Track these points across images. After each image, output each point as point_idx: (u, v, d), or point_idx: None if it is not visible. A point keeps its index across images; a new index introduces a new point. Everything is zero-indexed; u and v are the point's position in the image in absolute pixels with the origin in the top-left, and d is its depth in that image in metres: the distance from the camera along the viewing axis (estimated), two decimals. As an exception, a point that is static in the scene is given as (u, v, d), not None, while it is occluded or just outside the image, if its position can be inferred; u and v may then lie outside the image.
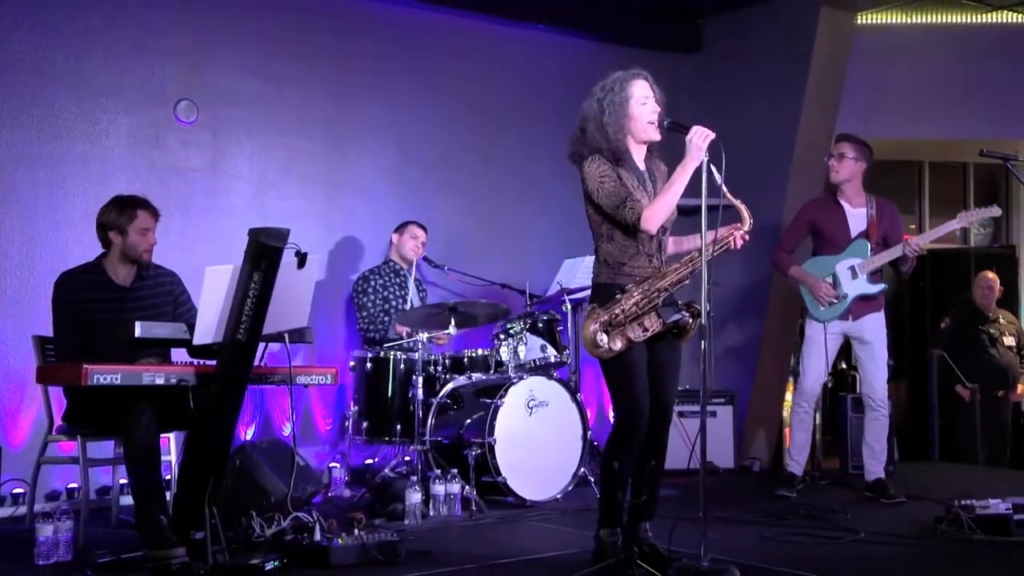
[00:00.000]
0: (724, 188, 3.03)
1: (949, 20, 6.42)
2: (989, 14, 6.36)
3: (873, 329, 4.78)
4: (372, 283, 5.20)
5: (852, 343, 4.86)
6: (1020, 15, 6.34)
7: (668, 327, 3.15)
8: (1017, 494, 3.93)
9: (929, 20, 6.42)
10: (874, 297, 4.75)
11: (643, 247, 3.20)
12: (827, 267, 4.80)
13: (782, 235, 5.06)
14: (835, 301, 4.73)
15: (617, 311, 3.11)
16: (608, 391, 3.26)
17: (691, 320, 3.18)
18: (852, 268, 4.73)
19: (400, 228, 5.33)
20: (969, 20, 6.41)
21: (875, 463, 4.82)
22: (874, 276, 4.73)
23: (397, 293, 5.24)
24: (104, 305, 3.72)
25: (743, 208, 3.16)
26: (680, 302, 3.20)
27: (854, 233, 4.77)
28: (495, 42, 6.05)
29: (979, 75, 6.38)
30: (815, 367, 4.78)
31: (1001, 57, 6.35)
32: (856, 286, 4.73)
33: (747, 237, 3.20)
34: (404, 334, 4.96)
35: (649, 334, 3.13)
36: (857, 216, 4.79)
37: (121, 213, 3.75)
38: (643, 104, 3.19)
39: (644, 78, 3.23)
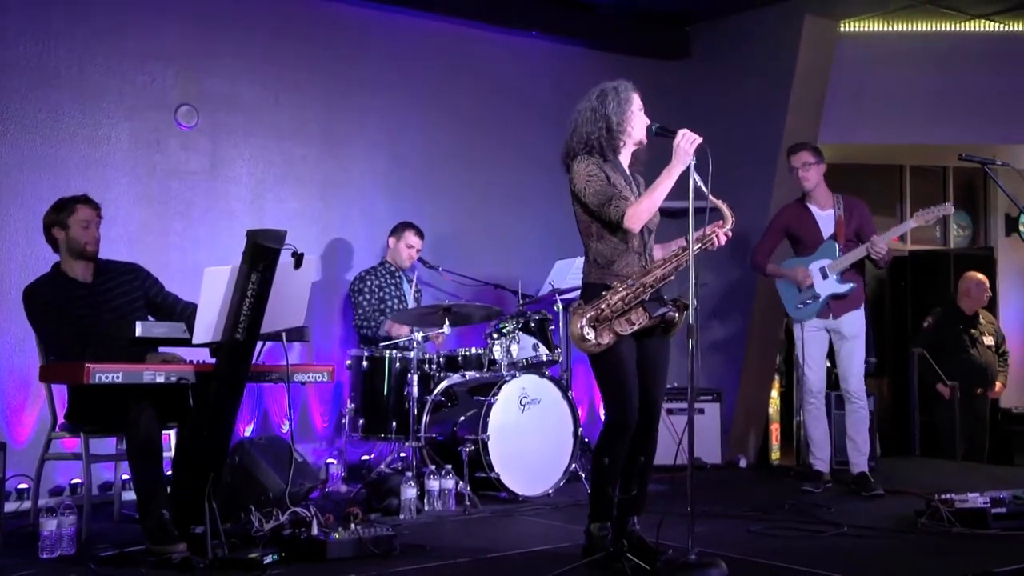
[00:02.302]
0: (705, 189, 3.10)
1: (929, 29, 6.49)
2: (968, 23, 6.46)
3: (852, 325, 4.91)
4: (368, 283, 5.27)
5: (833, 339, 4.97)
6: (998, 24, 6.45)
7: (655, 321, 3.20)
8: (995, 488, 4.02)
9: (910, 28, 6.50)
10: (846, 295, 4.88)
11: (632, 246, 3.26)
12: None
13: (759, 241, 5.20)
14: (812, 285, 4.86)
15: (603, 306, 3.17)
16: (598, 388, 3.31)
17: (677, 314, 3.23)
18: (822, 269, 4.87)
19: (397, 232, 5.37)
20: (949, 29, 6.48)
21: (858, 456, 4.90)
22: (845, 275, 4.85)
23: (393, 294, 5.31)
24: (76, 303, 3.76)
25: (725, 207, 3.23)
26: (667, 297, 3.26)
27: (825, 235, 4.92)
28: (486, 49, 6.11)
29: (958, 82, 6.44)
30: (811, 363, 4.91)
31: (980, 64, 6.43)
32: (827, 286, 4.87)
33: (729, 235, 3.26)
34: (404, 332, 5.01)
35: (636, 328, 3.18)
36: (826, 218, 4.95)
37: (61, 210, 3.80)
38: (639, 111, 3.31)
39: (639, 93, 3.34)
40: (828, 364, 5.11)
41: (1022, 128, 6.56)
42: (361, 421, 4.95)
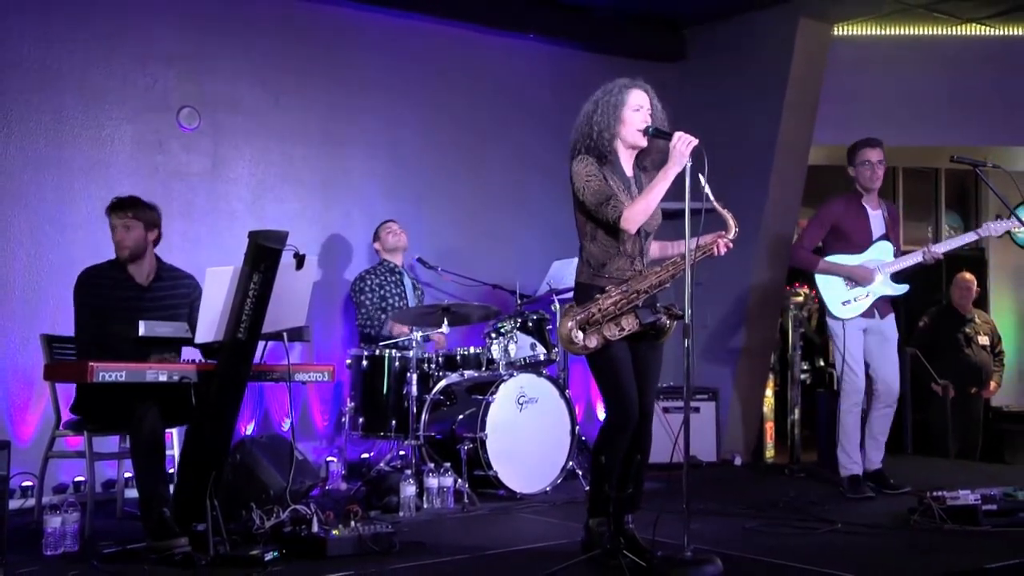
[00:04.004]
0: (712, 197, 3.09)
1: (921, 32, 6.55)
2: (960, 27, 6.52)
3: (893, 328, 4.85)
4: (369, 282, 5.31)
5: (870, 340, 4.81)
6: (990, 28, 6.51)
7: (645, 328, 3.21)
8: (986, 486, 4.06)
9: (902, 32, 6.56)
10: (899, 297, 4.79)
11: (625, 249, 3.27)
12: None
13: (803, 234, 5.00)
14: (874, 282, 4.71)
15: (594, 309, 3.17)
16: (598, 389, 3.32)
17: (669, 322, 3.24)
18: (875, 269, 4.74)
19: (376, 234, 5.45)
20: (940, 32, 6.54)
21: (877, 454, 4.83)
22: (895, 277, 4.77)
23: (393, 292, 5.35)
24: (122, 303, 3.81)
25: (729, 217, 3.21)
26: (660, 304, 3.26)
27: (875, 235, 4.79)
28: (485, 51, 6.16)
29: (951, 85, 6.49)
30: (854, 363, 4.74)
31: (972, 68, 6.48)
32: (878, 286, 4.73)
33: (731, 245, 3.26)
34: (407, 331, 5.03)
35: (625, 333, 3.19)
36: (876, 218, 4.82)
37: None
38: (635, 111, 3.26)
39: (644, 89, 3.31)
40: (823, 363, 5.08)
41: (1013, 130, 6.63)
42: (361, 420, 4.98)
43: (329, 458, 5.10)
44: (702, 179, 3.10)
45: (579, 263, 3.35)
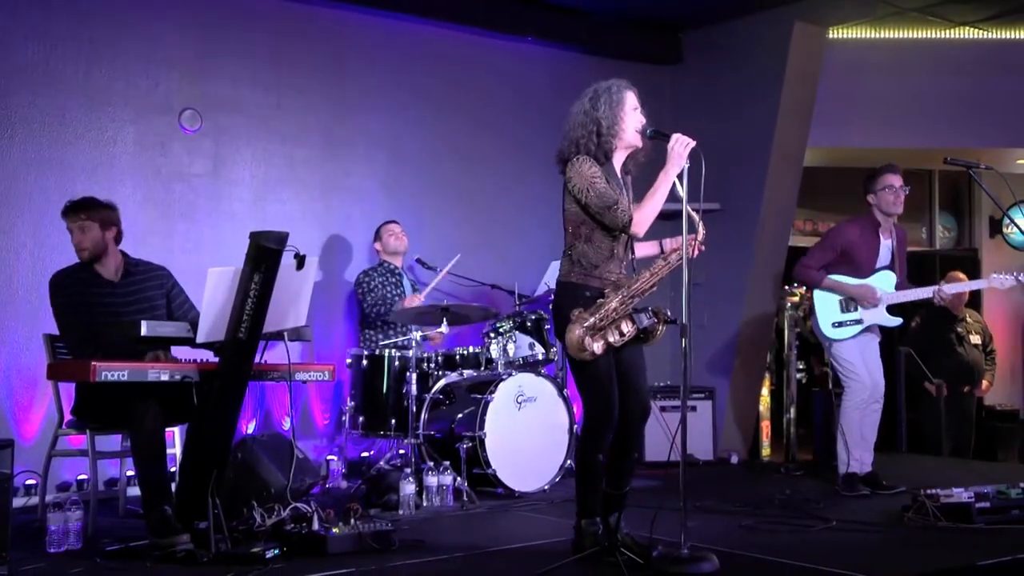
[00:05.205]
0: (685, 204, 3.15)
1: (916, 36, 6.59)
2: (953, 30, 6.56)
3: (877, 327, 4.88)
4: (373, 279, 5.35)
5: (862, 339, 4.82)
6: (982, 31, 6.56)
7: (641, 332, 3.23)
8: (979, 484, 4.10)
9: (897, 35, 6.61)
10: (892, 329, 4.79)
11: (617, 251, 3.29)
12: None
13: (811, 252, 4.95)
14: (858, 308, 4.74)
15: (601, 314, 3.18)
16: (582, 390, 3.29)
17: (659, 326, 3.27)
18: (879, 290, 4.73)
19: (377, 234, 5.49)
20: (935, 36, 6.58)
21: (868, 455, 4.81)
22: (891, 308, 4.77)
23: (393, 292, 5.38)
24: (96, 299, 3.83)
25: (698, 220, 3.23)
26: (649, 308, 3.28)
27: (880, 263, 4.78)
28: (484, 54, 6.19)
29: (944, 87, 6.53)
30: (857, 368, 4.76)
31: (965, 70, 6.52)
32: (874, 315, 4.74)
33: (703, 248, 3.30)
34: (418, 301, 4.97)
35: (625, 339, 3.20)
36: (885, 248, 4.80)
37: None
38: (634, 110, 3.30)
39: (634, 91, 3.34)
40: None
41: (1006, 132, 6.68)
42: (361, 418, 5.01)
43: (329, 456, 5.13)
44: (677, 183, 3.15)
45: (567, 262, 3.32)
